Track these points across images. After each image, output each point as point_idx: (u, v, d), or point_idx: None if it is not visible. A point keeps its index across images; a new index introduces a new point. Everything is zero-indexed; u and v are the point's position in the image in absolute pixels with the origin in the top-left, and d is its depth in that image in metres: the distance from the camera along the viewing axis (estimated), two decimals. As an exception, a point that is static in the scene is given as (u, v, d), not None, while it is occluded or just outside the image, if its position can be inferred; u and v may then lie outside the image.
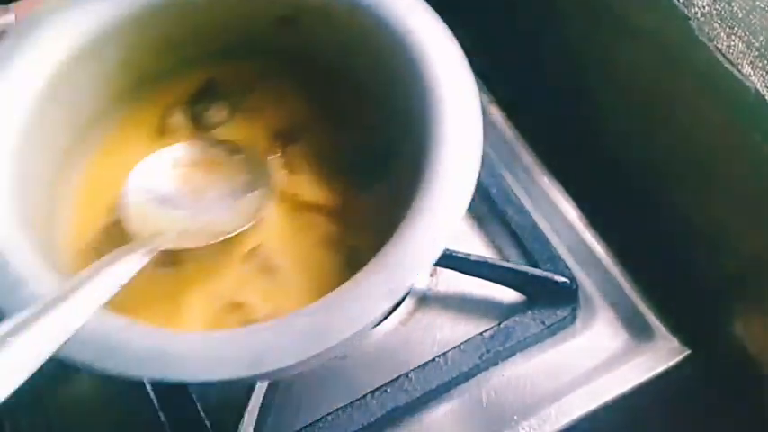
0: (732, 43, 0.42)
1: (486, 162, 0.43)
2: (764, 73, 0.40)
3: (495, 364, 0.48)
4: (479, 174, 0.36)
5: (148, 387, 0.47)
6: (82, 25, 0.41)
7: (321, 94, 0.47)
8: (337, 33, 0.44)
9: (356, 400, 0.46)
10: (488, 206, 0.54)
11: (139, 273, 0.34)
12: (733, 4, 0.42)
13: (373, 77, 0.44)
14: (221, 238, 0.39)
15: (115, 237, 0.40)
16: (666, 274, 0.52)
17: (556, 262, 0.51)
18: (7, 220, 0.35)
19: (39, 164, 0.39)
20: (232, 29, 0.46)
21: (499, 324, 0.49)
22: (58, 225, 0.41)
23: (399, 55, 0.39)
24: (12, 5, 0.53)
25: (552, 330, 0.50)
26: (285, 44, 0.46)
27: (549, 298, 0.50)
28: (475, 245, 0.53)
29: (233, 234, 0.39)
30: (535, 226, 0.53)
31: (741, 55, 0.41)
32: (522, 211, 0.53)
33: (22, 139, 0.38)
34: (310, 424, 0.46)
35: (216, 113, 0.46)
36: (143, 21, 0.43)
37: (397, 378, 0.47)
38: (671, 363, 0.49)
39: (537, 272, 0.50)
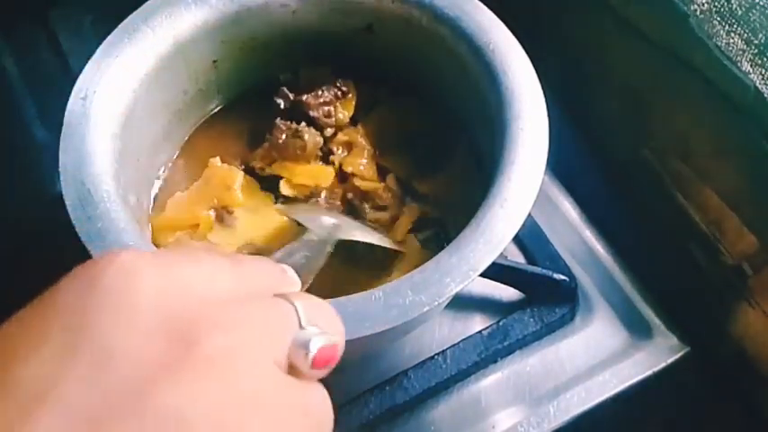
0: (731, 41, 0.41)
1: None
2: (764, 70, 0.40)
3: (494, 361, 0.49)
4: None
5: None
6: (185, 21, 0.44)
7: (391, 94, 0.51)
8: (417, 42, 0.47)
9: (355, 398, 0.46)
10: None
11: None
12: (732, 1, 0.42)
13: (448, 83, 0.47)
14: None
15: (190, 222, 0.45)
16: (665, 272, 0.52)
17: (555, 260, 0.51)
18: (114, 196, 0.38)
19: (134, 148, 0.43)
20: (316, 34, 0.49)
21: (498, 322, 0.49)
22: (144, 205, 0.45)
23: (480, 65, 0.43)
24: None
25: (551, 328, 0.50)
26: (363, 50, 0.50)
27: (548, 296, 0.50)
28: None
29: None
30: (534, 224, 0.53)
31: (740, 52, 0.41)
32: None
33: (123, 124, 0.42)
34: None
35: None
36: (236, 21, 0.46)
37: (396, 376, 0.47)
38: (670, 360, 0.49)
39: (536, 270, 0.50)
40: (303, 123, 0.48)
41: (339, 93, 0.49)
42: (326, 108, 0.48)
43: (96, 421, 0.18)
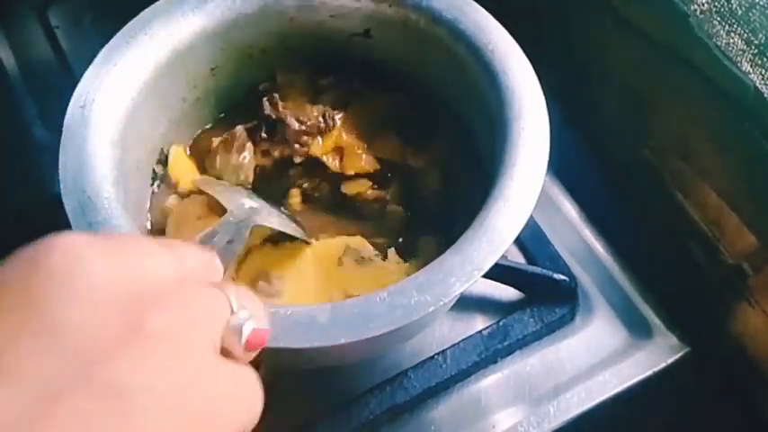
0: (731, 41, 0.41)
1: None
2: (764, 70, 0.40)
3: (494, 361, 0.49)
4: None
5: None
6: (183, 28, 0.44)
7: (384, 93, 0.50)
8: (415, 44, 0.47)
9: (356, 398, 0.46)
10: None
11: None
12: (732, 1, 0.42)
13: (448, 84, 0.47)
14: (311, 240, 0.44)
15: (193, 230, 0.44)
16: (665, 272, 0.52)
17: (555, 260, 0.51)
18: (114, 203, 0.38)
19: (133, 156, 0.43)
20: (314, 40, 0.49)
21: (498, 322, 0.49)
22: (144, 211, 0.46)
23: (479, 65, 0.43)
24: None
25: (551, 328, 0.50)
26: (361, 54, 0.50)
27: (548, 296, 0.50)
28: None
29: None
30: (535, 224, 0.53)
31: (740, 52, 0.41)
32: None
33: (122, 132, 0.42)
34: (310, 421, 0.46)
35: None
36: (235, 28, 0.46)
37: (397, 376, 0.47)
38: (670, 360, 0.49)
39: (536, 270, 0.50)
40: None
41: (324, 125, 0.48)
42: (305, 138, 0.48)
43: (46, 391, 0.18)
